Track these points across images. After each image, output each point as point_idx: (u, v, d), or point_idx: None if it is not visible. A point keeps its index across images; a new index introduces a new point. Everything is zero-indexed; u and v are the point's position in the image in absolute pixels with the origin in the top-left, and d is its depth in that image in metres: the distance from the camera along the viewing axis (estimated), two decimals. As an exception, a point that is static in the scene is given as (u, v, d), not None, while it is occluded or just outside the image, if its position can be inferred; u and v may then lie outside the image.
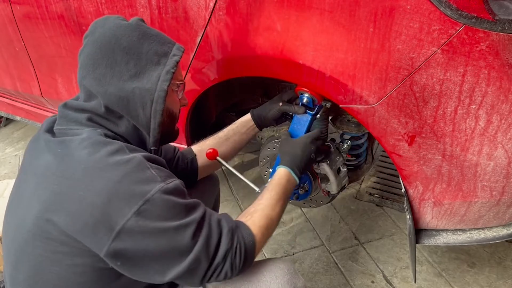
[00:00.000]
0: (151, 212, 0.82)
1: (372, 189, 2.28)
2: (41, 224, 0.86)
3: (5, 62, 2.16)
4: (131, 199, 0.81)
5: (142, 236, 0.82)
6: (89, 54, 0.94)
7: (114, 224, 0.81)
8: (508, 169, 1.08)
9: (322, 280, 1.77)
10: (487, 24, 0.92)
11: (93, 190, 0.82)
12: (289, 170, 1.15)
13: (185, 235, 0.85)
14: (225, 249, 0.90)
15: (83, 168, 0.84)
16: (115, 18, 0.98)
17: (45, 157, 0.91)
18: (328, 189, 1.45)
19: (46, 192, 0.87)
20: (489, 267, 1.78)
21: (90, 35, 0.97)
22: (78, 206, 0.82)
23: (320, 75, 1.14)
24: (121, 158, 0.85)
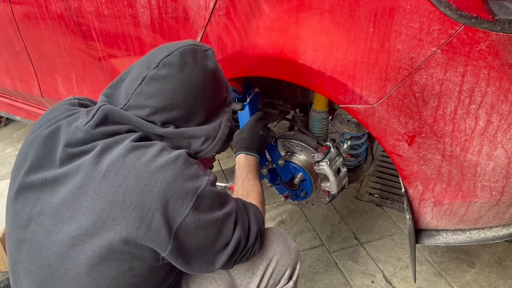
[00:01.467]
0: (203, 205, 0.87)
1: (372, 189, 2.28)
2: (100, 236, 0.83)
3: (5, 62, 2.16)
4: (186, 196, 0.85)
5: (197, 229, 0.87)
6: (172, 91, 0.92)
7: (173, 223, 0.84)
8: (508, 169, 1.08)
9: (322, 280, 1.77)
10: (487, 24, 0.92)
11: (149, 195, 0.83)
12: (243, 153, 1.30)
13: (230, 223, 0.92)
14: (255, 230, 0.99)
15: (134, 173, 0.84)
16: (202, 56, 0.97)
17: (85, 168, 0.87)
18: (328, 189, 1.45)
19: (100, 203, 0.84)
20: (489, 267, 1.78)
21: (177, 68, 0.93)
22: (138, 212, 0.82)
23: (320, 75, 1.14)
24: (168, 157, 0.87)
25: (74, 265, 0.85)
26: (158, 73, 0.92)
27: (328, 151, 1.41)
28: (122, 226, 0.83)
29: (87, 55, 1.71)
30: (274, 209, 2.18)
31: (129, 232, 0.83)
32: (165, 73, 0.92)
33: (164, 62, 0.92)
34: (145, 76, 0.92)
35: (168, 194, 0.83)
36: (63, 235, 0.86)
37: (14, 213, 0.95)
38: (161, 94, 0.92)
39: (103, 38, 1.58)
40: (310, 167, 1.48)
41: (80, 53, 1.73)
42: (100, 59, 1.67)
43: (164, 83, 0.92)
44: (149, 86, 0.92)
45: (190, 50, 0.95)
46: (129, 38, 1.49)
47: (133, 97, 0.93)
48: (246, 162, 1.28)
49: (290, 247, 1.16)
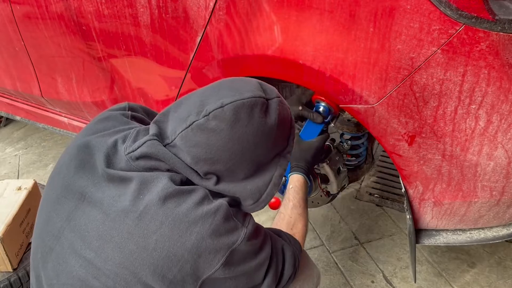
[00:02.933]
0: (236, 259, 0.84)
1: (372, 189, 2.28)
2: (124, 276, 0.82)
3: (5, 62, 2.16)
4: (219, 251, 0.82)
5: (225, 280, 0.85)
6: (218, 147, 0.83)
7: (201, 275, 0.82)
8: (508, 169, 1.08)
9: (322, 280, 1.77)
10: (487, 24, 0.92)
11: (183, 247, 0.80)
12: (302, 175, 1.25)
13: (261, 271, 0.90)
14: (289, 274, 0.96)
15: (171, 221, 0.80)
16: (261, 111, 0.84)
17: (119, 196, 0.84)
18: (328, 189, 1.45)
19: (130, 243, 0.81)
20: (489, 267, 1.78)
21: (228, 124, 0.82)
22: (167, 262, 0.80)
23: (320, 75, 1.14)
24: (208, 208, 0.82)
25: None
26: (206, 124, 0.82)
27: (328, 151, 1.41)
28: (149, 272, 0.80)
29: (87, 55, 1.71)
30: (274, 209, 2.18)
31: (154, 280, 0.81)
32: (214, 126, 0.82)
33: (214, 114, 0.82)
34: (192, 122, 0.83)
35: (202, 248, 0.80)
36: (89, 263, 0.84)
37: (47, 217, 0.92)
38: (206, 147, 0.83)
39: (103, 38, 1.58)
40: (310, 167, 1.47)
41: (80, 53, 1.73)
42: (100, 59, 1.67)
43: (210, 136, 0.83)
44: (195, 134, 0.83)
45: (248, 105, 0.83)
46: (129, 38, 1.49)
47: (178, 138, 0.85)
48: (301, 186, 1.23)
49: (313, 271, 1.12)
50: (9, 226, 1.52)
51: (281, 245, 0.97)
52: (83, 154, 0.92)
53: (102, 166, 0.88)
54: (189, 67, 1.39)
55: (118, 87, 1.73)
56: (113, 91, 1.77)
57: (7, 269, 1.55)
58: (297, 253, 1.01)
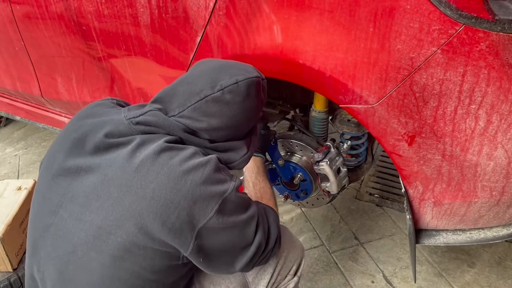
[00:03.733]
0: (228, 209, 0.90)
1: (372, 189, 2.28)
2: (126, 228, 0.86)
3: (5, 62, 2.16)
4: (212, 199, 0.88)
5: (220, 230, 0.90)
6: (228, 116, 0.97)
7: (197, 223, 0.86)
8: (508, 169, 1.08)
9: (322, 280, 1.77)
10: (487, 24, 0.92)
11: (178, 193, 0.85)
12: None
13: (252, 226, 0.96)
14: (275, 234, 1.03)
15: (166, 171, 0.86)
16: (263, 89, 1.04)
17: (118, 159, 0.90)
18: (328, 189, 1.45)
19: (129, 195, 0.86)
20: (489, 267, 1.78)
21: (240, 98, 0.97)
22: (165, 209, 0.85)
23: (320, 75, 1.14)
24: (199, 160, 0.90)
25: (98, 255, 0.88)
26: (222, 97, 0.95)
27: (328, 151, 1.41)
28: (149, 220, 0.85)
29: (87, 55, 1.71)
30: (274, 209, 2.18)
31: (154, 227, 0.85)
32: (229, 98, 0.96)
33: (230, 89, 0.96)
34: (207, 95, 0.95)
35: (196, 195, 0.86)
36: (90, 224, 0.88)
37: (43, 198, 0.97)
38: (221, 116, 0.96)
39: (103, 38, 1.57)
40: (310, 167, 1.48)
41: (80, 53, 1.73)
42: (100, 59, 1.67)
43: (225, 107, 0.96)
44: (210, 105, 0.95)
45: (256, 82, 1.00)
46: (129, 38, 1.49)
47: (189, 110, 0.96)
48: (253, 164, 1.30)
49: (296, 243, 1.21)
50: (9, 226, 1.52)
51: (262, 207, 1.06)
52: (76, 135, 0.97)
53: (101, 137, 0.93)
54: (189, 67, 1.39)
55: (118, 87, 1.73)
56: (113, 91, 1.77)
57: (7, 269, 1.55)
58: (277, 217, 1.08)
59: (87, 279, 0.90)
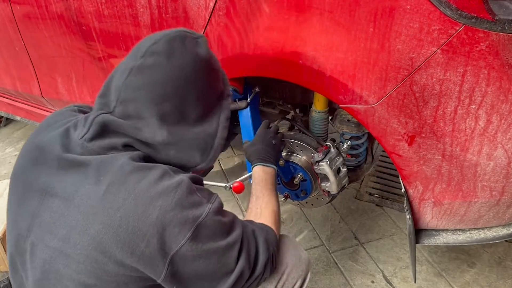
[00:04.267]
0: (203, 235, 0.83)
1: (372, 189, 2.28)
2: (94, 257, 0.82)
3: (5, 62, 2.16)
4: (185, 225, 0.81)
5: (195, 258, 0.84)
6: (161, 81, 0.86)
7: (169, 250, 0.81)
8: (508, 169, 1.08)
9: (322, 280, 1.77)
10: (487, 24, 0.92)
11: (147, 221, 0.80)
12: (260, 165, 1.25)
13: (232, 253, 0.88)
14: (264, 259, 0.94)
15: (134, 198, 0.81)
16: (192, 43, 0.91)
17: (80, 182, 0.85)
18: (328, 189, 1.45)
19: (95, 224, 0.81)
20: (489, 267, 1.78)
21: (165, 56, 0.87)
22: (133, 237, 0.80)
23: (320, 75, 1.14)
24: (170, 183, 0.83)
25: (70, 282, 0.85)
26: (145, 63, 0.86)
27: (328, 151, 1.41)
28: (117, 249, 0.81)
29: (87, 55, 1.71)
30: (274, 209, 2.18)
31: (124, 256, 0.81)
32: (152, 62, 0.86)
33: (151, 51, 0.87)
34: (132, 68, 0.87)
35: (166, 221, 0.80)
36: (59, 252, 0.85)
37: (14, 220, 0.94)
38: (150, 85, 0.86)
39: (103, 38, 1.58)
40: (310, 167, 1.48)
41: (80, 53, 1.73)
42: (100, 59, 1.67)
43: (152, 72, 0.86)
44: (137, 77, 0.87)
45: (179, 36, 0.89)
46: (129, 38, 1.49)
47: (123, 91, 0.87)
48: (262, 176, 1.22)
49: (301, 258, 1.13)
50: (9, 226, 1.52)
51: (251, 229, 0.96)
52: (36, 152, 0.93)
53: (60, 153, 0.88)
54: (189, 67, 1.39)
55: (118, 87, 1.73)
56: (113, 91, 1.77)
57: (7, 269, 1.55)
58: (271, 238, 1.00)
59: None
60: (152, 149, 0.90)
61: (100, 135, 0.88)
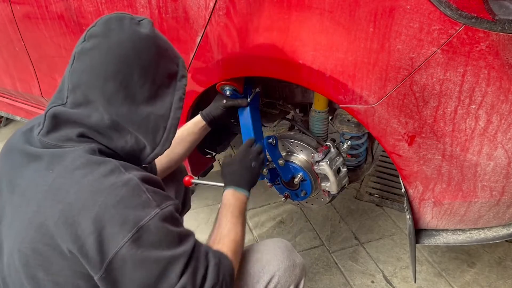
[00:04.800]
0: (145, 240, 0.79)
1: (372, 189, 2.28)
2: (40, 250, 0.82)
3: (5, 62, 2.16)
4: (125, 226, 0.77)
5: (134, 265, 0.79)
6: (101, 62, 0.86)
7: (107, 251, 0.78)
8: (508, 169, 1.08)
9: (322, 280, 1.77)
10: (487, 24, 0.92)
11: (86, 216, 0.78)
12: (231, 189, 1.16)
13: (176, 267, 0.82)
14: (211, 284, 0.86)
15: (76, 191, 0.80)
16: (131, 23, 0.89)
17: (34, 175, 0.85)
18: (328, 189, 1.45)
19: (39, 216, 0.82)
20: (489, 267, 1.78)
21: (102, 36, 0.87)
22: (72, 231, 0.78)
23: (320, 75, 1.14)
24: (116, 180, 0.81)
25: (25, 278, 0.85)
26: (84, 47, 0.87)
27: (328, 151, 1.41)
28: (60, 241, 0.79)
29: (87, 55, 1.71)
30: (274, 209, 2.18)
31: (64, 248, 0.80)
32: (91, 45, 0.87)
33: (89, 34, 0.88)
34: (75, 54, 0.88)
35: (106, 219, 0.77)
36: (12, 248, 0.86)
37: None
38: (91, 67, 0.86)
39: (103, 38, 1.57)
40: (310, 167, 1.48)
41: (80, 53, 1.73)
42: (100, 59, 1.67)
43: (92, 55, 0.86)
44: (80, 62, 0.87)
45: (116, 17, 0.89)
46: (129, 38, 1.49)
47: (70, 79, 0.88)
48: (231, 201, 1.13)
49: (295, 262, 1.09)
50: (9, 226, 1.52)
51: (205, 250, 0.90)
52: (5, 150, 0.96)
53: (22, 148, 0.90)
54: (189, 67, 1.39)
55: (118, 87, 1.73)
56: (113, 91, 1.77)
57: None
58: (225, 265, 0.92)
59: None
60: (105, 137, 0.88)
61: (54, 128, 0.88)
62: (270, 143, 1.45)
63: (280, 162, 1.49)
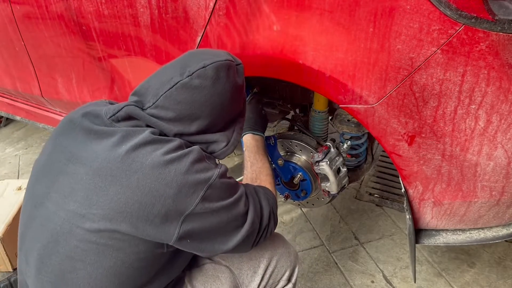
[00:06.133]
0: (213, 195, 0.93)
1: (372, 189, 2.28)
2: (110, 216, 0.88)
3: (5, 62, 2.16)
4: (198, 186, 0.91)
5: (207, 215, 0.92)
6: (200, 103, 0.97)
7: (184, 210, 0.89)
8: (507, 169, 1.08)
9: (322, 280, 1.77)
10: (486, 24, 0.92)
11: (163, 182, 0.88)
12: (250, 133, 1.36)
13: (240, 206, 0.98)
14: (268, 211, 1.05)
15: (150, 161, 0.89)
16: (235, 72, 1.03)
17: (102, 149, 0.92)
18: (328, 189, 1.45)
19: (114, 186, 0.88)
20: (489, 267, 1.78)
21: (211, 82, 0.97)
22: (150, 197, 0.87)
23: (320, 75, 1.14)
24: (183, 151, 0.93)
25: (81, 243, 0.90)
26: (191, 82, 0.96)
27: (328, 151, 1.41)
28: (134, 209, 0.87)
29: (87, 55, 1.71)
30: (274, 209, 2.18)
31: (140, 215, 0.87)
32: (198, 83, 0.96)
33: (198, 73, 0.96)
34: (177, 82, 0.96)
35: (181, 183, 0.89)
36: (74, 214, 0.90)
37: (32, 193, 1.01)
38: (190, 103, 0.96)
39: (103, 38, 1.58)
40: (310, 167, 1.48)
41: (80, 53, 1.73)
42: (100, 59, 1.67)
43: (195, 93, 0.96)
44: (180, 92, 0.96)
45: (226, 65, 1.00)
46: (129, 38, 1.49)
47: (162, 98, 0.96)
48: (253, 143, 1.33)
49: (289, 249, 1.22)
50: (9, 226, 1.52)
51: (252, 187, 1.09)
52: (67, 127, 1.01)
53: (88, 126, 0.97)
54: (189, 67, 1.39)
55: (118, 87, 1.73)
56: (113, 91, 1.77)
57: (7, 269, 1.55)
58: (269, 193, 1.12)
59: (69, 267, 0.91)
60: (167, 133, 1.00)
61: (126, 119, 0.98)
62: (269, 144, 1.45)
63: (279, 162, 1.49)
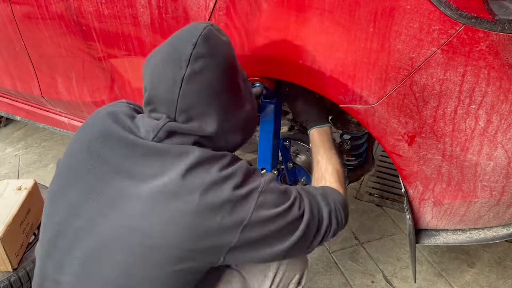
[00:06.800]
0: (267, 202, 0.93)
1: (372, 189, 2.28)
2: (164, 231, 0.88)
3: (5, 62, 2.16)
4: (250, 195, 0.92)
5: (263, 223, 0.93)
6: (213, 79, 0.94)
7: (241, 221, 0.90)
8: (508, 169, 1.08)
9: (322, 280, 1.77)
10: (487, 24, 0.92)
11: (222, 196, 0.90)
12: (315, 128, 1.30)
13: (294, 210, 0.97)
14: (327, 211, 1.03)
15: (209, 178, 0.90)
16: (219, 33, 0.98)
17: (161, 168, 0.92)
18: (328, 189, 1.45)
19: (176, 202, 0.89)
20: (489, 267, 1.78)
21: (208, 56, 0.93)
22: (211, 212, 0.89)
23: (320, 75, 1.14)
24: (236, 166, 0.95)
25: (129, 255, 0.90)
26: (194, 69, 0.92)
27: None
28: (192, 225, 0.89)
29: (87, 55, 1.71)
30: (274, 209, 2.18)
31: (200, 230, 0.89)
32: (200, 66, 0.92)
33: (195, 56, 0.92)
34: (182, 77, 0.92)
35: (237, 196, 0.90)
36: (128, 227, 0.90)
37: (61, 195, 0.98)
38: (207, 88, 0.94)
39: (103, 38, 1.58)
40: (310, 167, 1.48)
41: (80, 53, 1.73)
42: (100, 59, 1.67)
43: (204, 76, 0.93)
44: (191, 85, 0.92)
45: (210, 32, 0.95)
46: (129, 38, 1.49)
47: (180, 101, 0.93)
48: (318, 138, 1.28)
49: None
50: (9, 226, 1.52)
51: (305, 191, 1.05)
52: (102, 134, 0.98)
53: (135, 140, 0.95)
54: (189, 67, 1.39)
55: (118, 87, 1.73)
56: (113, 91, 1.77)
57: (7, 269, 1.55)
58: (330, 193, 1.08)
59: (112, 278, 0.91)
60: (212, 141, 0.99)
61: (168, 137, 0.96)
62: (285, 146, 1.45)
63: (289, 165, 1.49)
